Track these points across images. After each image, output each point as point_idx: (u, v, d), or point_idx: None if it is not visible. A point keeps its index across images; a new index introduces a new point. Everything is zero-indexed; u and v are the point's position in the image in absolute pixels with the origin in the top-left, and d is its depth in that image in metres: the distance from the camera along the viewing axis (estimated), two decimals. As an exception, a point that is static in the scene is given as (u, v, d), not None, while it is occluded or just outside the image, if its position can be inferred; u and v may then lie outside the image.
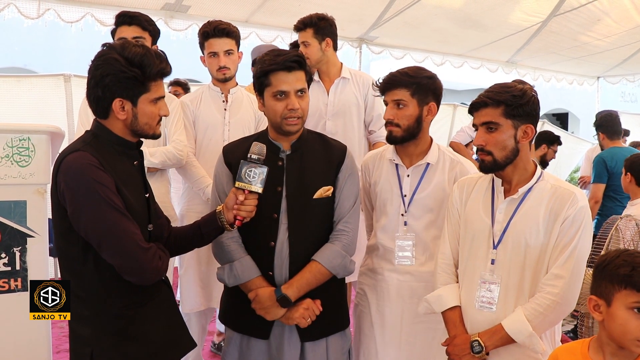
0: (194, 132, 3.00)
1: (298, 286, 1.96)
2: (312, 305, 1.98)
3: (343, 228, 2.03)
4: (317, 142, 2.09)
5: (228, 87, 3.03)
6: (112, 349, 1.67)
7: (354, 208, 2.06)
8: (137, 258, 1.60)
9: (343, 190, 2.05)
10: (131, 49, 1.63)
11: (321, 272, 1.98)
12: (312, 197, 1.99)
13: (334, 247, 2.00)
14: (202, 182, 2.93)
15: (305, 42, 3.16)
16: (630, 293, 1.47)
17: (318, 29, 3.17)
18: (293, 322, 1.97)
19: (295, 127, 1.98)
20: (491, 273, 1.88)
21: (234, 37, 2.96)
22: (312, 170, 2.02)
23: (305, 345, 2.02)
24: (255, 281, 1.99)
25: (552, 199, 1.83)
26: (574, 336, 3.71)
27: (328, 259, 1.98)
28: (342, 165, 2.05)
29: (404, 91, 2.14)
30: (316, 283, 1.99)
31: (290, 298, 1.94)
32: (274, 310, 1.95)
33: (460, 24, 6.16)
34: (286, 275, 1.99)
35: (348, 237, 2.03)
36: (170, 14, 5.24)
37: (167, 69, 1.70)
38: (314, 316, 1.98)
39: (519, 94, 1.82)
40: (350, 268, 2.05)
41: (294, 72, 1.94)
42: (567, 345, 1.70)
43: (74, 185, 1.58)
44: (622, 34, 6.42)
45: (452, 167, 2.23)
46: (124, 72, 1.61)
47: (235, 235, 2.03)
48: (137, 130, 1.71)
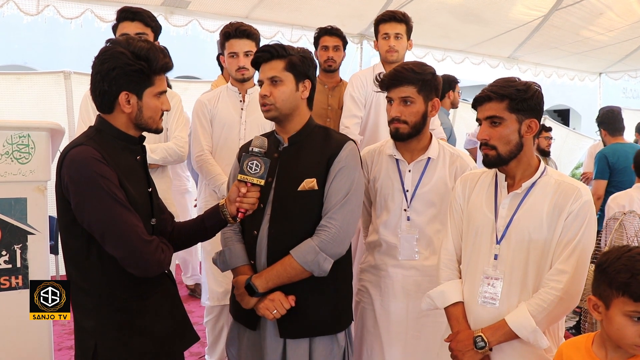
0: (211, 131, 3.02)
1: (267, 277, 1.94)
2: (279, 298, 1.93)
3: (325, 224, 1.94)
4: (319, 136, 2.06)
5: (246, 87, 3.06)
6: (116, 341, 1.69)
7: (342, 203, 1.95)
8: (139, 250, 1.62)
9: (332, 184, 1.96)
10: (136, 43, 1.68)
11: (292, 266, 1.92)
12: (297, 189, 1.97)
13: (309, 243, 1.93)
14: (217, 179, 2.95)
15: (399, 35, 3.31)
16: (628, 301, 1.45)
17: (409, 28, 3.36)
18: (259, 312, 1.95)
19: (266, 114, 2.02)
20: (494, 268, 1.87)
21: (254, 39, 2.99)
22: (304, 163, 2.00)
23: (286, 342, 1.99)
24: (240, 269, 2.02)
25: (556, 194, 1.82)
26: (576, 332, 3.71)
27: (301, 254, 1.92)
28: (335, 158, 1.98)
29: (410, 88, 2.13)
30: (287, 277, 1.93)
31: (256, 287, 1.92)
32: (246, 298, 1.96)
33: (461, 18, 6.13)
34: (264, 265, 1.98)
35: (328, 234, 1.92)
36: (170, 9, 5.22)
37: (170, 64, 1.74)
38: (283, 310, 1.92)
39: (523, 87, 1.81)
40: (324, 267, 1.92)
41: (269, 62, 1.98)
42: (572, 340, 1.70)
43: (78, 178, 1.61)
44: (625, 28, 6.38)
45: (453, 161, 2.24)
46: (130, 65, 1.65)
47: (236, 223, 2.04)
48: (141, 124, 1.74)
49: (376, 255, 2.29)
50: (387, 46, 3.31)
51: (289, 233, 1.97)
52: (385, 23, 3.33)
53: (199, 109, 3.03)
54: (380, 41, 3.37)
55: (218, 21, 5.31)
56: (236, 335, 2.12)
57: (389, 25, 3.31)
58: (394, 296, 2.22)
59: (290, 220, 1.97)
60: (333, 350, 2.04)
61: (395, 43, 3.30)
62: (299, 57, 1.99)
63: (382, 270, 2.25)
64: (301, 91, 2.01)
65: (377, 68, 3.40)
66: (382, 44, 3.35)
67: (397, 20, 3.30)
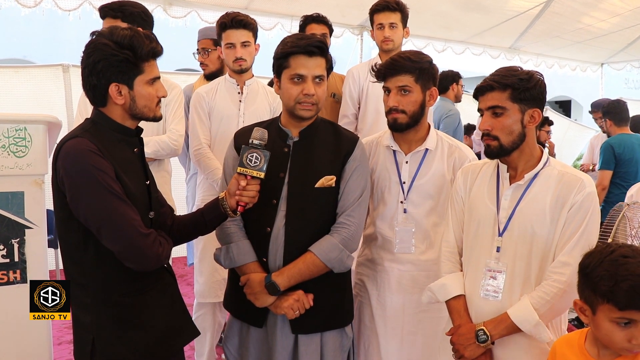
0: (209, 123, 2.99)
1: (289, 275, 1.92)
2: (303, 298, 1.93)
3: (344, 221, 1.96)
4: (328, 132, 2.05)
5: (244, 79, 3.02)
6: (114, 336, 1.68)
7: (359, 201, 1.98)
8: (136, 243, 1.61)
9: (349, 182, 1.98)
10: (119, 32, 1.64)
11: (315, 263, 1.92)
12: (313, 186, 1.96)
13: (332, 240, 1.94)
14: (215, 173, 2.92)
15: (394, 24, 3.23)
16: (613, 309, 1.41)
17: (405, 15, 3.27)
18: (281, 311, 1.93)
19: (308, 112, 1.96)
20: (496, 261, 1.85)
21: (251, 29, 2.95)
22: (318, 159, 1.98)
23: (298, 338, 1.98)
24: (249, 266, 1.98)
25: (559, 185, 1.80)
26: (579, 324, 3.69)
27: (324, 251, 1.92)
28: (350, 156, 1.99)
29: (408, 77, 2.09)
30: (309, 274, 1.93)
31: (278, 286, 1.91)
32: (263, 297, 1.93)
33: (462, 6, 6.08)
34: (280, 262, 1.96)
35: (349, 231, 1.95)
36: (169, 0, 5.18)
37: (158, 48, 1.70)
38: (303, 309, 1.93)
39: (525, 77, 1.78)
40: (348, 263, 1.96)
41: (315, 58, 1.92)
42: (565, 337, 1.68)
43: (73, 171, 1.59)
44: (627, 14, 6.30)
45: (451, 153, 2.20)
46: (115, 55, 1.62)
47: (238, 219, 2.02)
48: (136, 114, 1.72)
49: (372, 249, 2.27)
50: (382, 36, 3.27)
51: (306, 230, 1.95)
52: (379, 13, 3.27)
53: (196, 102, 3.00)
54: (375, 31, 3.32)
55: (217, 12, 5.26)
56: (236, 333, 2.09)
57: (383, 15, 3.25)
58: (390, 291, 2.20)
59: (308, 217, 1.96)
60: (343, 342, 2.05)
61: (390, 33, 3.24)
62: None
63: (379, 265, 2.23)
64: None
65: (373, 60, 3.36)
66: (377, 34, 3.31)
67: (391, 9, 3.24)
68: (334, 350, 2.01)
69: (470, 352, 1.81)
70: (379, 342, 2.22)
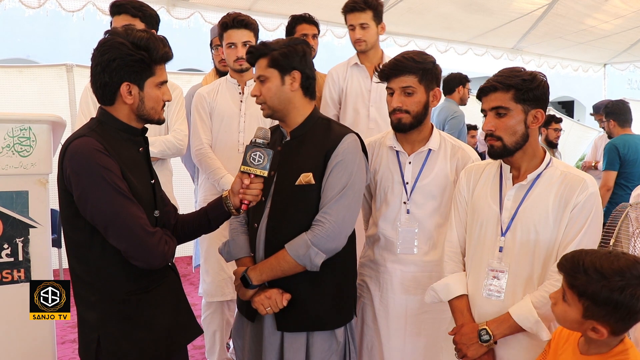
0: (210, 124, 3.00)
1: (261, 269, 1.94)
2: (276, 296, 1.93)
3: (319, 218, 1.91)
4: (320, 129, 2.03)
5: (245, 79, 3.02)
6: (119, 334, 1.69)
7: (337, 198, 1.90)
8: (142, 242, 1.62)
9: (328, 178, 1.93)
10: (136, 33, 1.66)
11: (286, 259, 1.91)
12: (294, 183, 1.96)
13: (303, 237, 1.91)
14: (217, 173, 2.93)
15: (365, 24, 3.11)
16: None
17: (377, 12, 3.15)
18: (254, 305, 1.96)
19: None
20: (499, 261, 1.85)
21: (252, 29, 2.96)
22: (302, 157, 1.99)
23: (284, 335, 1.99)
24: (243, 260, 2.05)
25: (561, 185, 1.80)
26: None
27: (294, 248, 1.90)
28: (332, 152, 1.94)
29: (412, 77, 2.10)
30: (280, 270, 1.92)
31: (250, 279, 1.93)
32: (242, 290, 1.98)
33: (465, 8, 6.08)
34: (262, 257, 1.99)
35: (322, 229, 1.88)
36: (173, 2, 5.20)
37: (170, 53, 1.73)
38: (277, 308, 1.93)
39: (529, 77, 1.78)
40: (316, 261, 1.89)
41: (257, 62, 2.00)
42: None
43: (80, 169, 1.60)
44: (630, 16, 6.30)
45: (454, 153, 2.20)
46: (131, 55, 1.63)
47: (243, 215, 2.07)
48: (143, 115, 1.73)
49: (375, 250, 2.26)
50: (353, 38, 3.17)
51: (287, 227, 1.96)
52: (349, 14, 3.15)
53: (198, 102, 3.01)
54: (349, 32, 3.22)
55: (220, 13, 5.25)
56: (242, 327, 2.13)
57: (353, 16, 3.14)
58: (392, 292, 2.19)
59: (288, 214, 1.96)
60: (331, 346, 2.01)
61: (361, 34, 3.12)
62: (280, 52, 1.95)
63: (381, 266, 2.23)
64: (289, 84, 1.97)
65: (352, 60, 3.27)
66: (350, 35, 3.21)
67: (359, 9, 3.11)
68: (321, 352, 1.99)
69: (473, 351, 1.81)
70: (381, 342, 2.22)
